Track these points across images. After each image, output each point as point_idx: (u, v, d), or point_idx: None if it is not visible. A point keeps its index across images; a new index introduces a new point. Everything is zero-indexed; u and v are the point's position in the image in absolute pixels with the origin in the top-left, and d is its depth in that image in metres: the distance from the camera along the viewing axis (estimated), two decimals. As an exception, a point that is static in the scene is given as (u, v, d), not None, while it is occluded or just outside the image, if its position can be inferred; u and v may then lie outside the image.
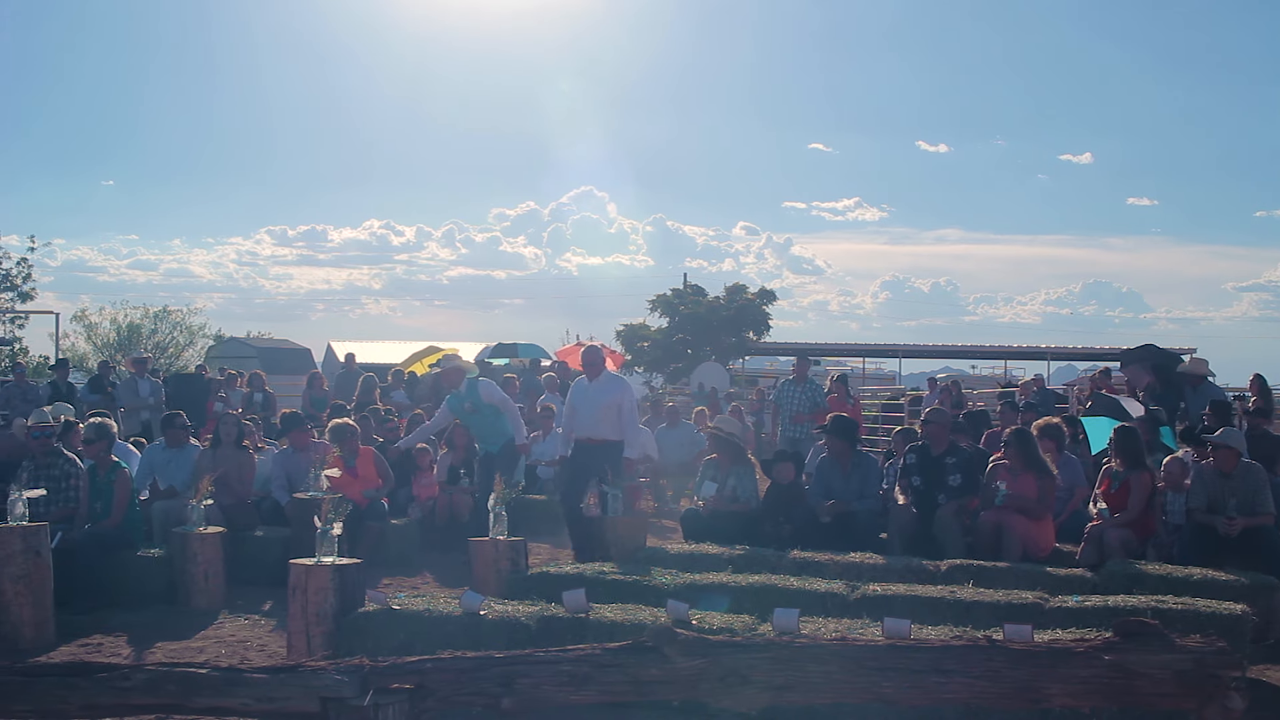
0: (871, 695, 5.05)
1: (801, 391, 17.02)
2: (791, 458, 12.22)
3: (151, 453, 13.04)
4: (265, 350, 46.13)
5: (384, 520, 12.40)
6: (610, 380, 12.41)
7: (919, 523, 10.82)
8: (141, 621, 9.74)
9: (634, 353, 42.24)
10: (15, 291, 55.69)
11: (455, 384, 12.96)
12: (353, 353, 24.30)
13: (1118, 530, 10.14)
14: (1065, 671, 4.94)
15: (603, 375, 12.33)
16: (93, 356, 51.29)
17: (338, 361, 26.69)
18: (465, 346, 36.70)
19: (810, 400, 16.82)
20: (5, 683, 5.24)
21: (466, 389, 12.82)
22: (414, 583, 11.46)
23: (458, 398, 12.89)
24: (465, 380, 12.90)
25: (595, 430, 12.05)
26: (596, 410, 12.07)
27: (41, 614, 9.09)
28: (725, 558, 9.72)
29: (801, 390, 17.05)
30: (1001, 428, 13.47)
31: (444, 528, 13.37)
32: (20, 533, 9.06)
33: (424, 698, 5.07)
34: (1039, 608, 7.81)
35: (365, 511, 11.80)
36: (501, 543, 9.75)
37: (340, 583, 7.92)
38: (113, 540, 10.48)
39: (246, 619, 9.96)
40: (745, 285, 44.26)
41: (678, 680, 5.06)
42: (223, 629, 9.65)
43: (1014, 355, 51.02)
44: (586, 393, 12.23)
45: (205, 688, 5.12)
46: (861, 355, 53.01)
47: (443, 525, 13.42)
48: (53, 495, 10.36)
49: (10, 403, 18.82)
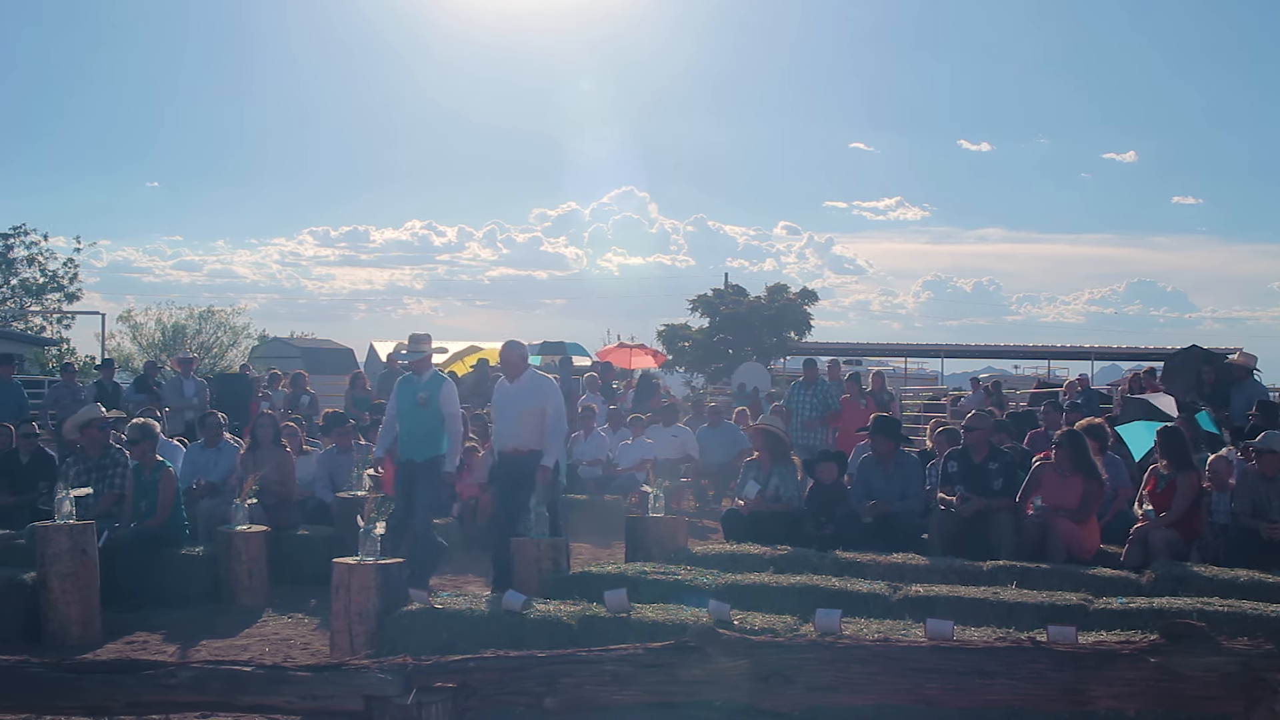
0: (915, 697, 5.03)
1: (812, 395, 16.91)
2: (834, 457, 12.17)
3: (192, 452, 13.15)
4: (308, 350, 46.43)
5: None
6: (533, 382, 10.89)
7: (963, 526, 10.75)
8: (186, 619, 9.82)
9: (675, 353, 42.25)
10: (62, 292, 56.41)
11: (423, 369, 11.16)
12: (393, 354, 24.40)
13: (1163, 531, 10.06)
14: (1110, 674, 4.90)
15: (524, 376, 10.88)
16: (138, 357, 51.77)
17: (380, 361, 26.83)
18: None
19: (822, 403, 16.73)
20: (53, 680, 5.29)
21: (430, 380, 11.10)
22: (456, 582, 11.49)
23: (414, 384, 11.08)
24: (431, 371, 11.25)
25: (517, 440, 10.71)
26: (517, 417, 10.72)
27: (88, 612, 9.19)
28: (767, 558, 9.70)
29: (812, 393, 16.94)
30: (1045, 428, 13.38)
31: (486, 527, 13.39)
32: (68, 531, 9.15)
33: (467, 696, 5.08)
34: (1083, 609, 7.75)
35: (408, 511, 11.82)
36: (543, 542, 9.77)
37: (383, 582, 7.97)
38: (158, 539, 10.57)
39: (290, 617, 10.02)
40: (786, 285, 44.25)
41: (720, 680, 5.05)
42: (266, 627, 9.71)
43: (1057, 355, 50.71)
44: (506, 396, 10.91)
45: (250, 686, 5.14)
46: (903, 355, 52.78)
47: (485, 525, 13.45)
48: (99, 484, 10.50)
49: (59, 402, 19.01)
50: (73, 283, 57.38)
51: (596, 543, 13.33)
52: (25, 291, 56.62)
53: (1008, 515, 10.63)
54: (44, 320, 54.94)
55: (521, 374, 10.83)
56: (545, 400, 10.67)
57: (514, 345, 10.95)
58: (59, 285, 56.99)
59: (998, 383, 26.26)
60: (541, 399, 10.65)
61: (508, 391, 10.84)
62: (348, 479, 12.30)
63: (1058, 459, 10.68)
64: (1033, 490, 10.59)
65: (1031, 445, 13.27)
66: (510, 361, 10.87)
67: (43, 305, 56.47)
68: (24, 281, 56.59)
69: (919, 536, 10.97)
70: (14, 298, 56.42)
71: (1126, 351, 51.61)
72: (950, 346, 51.76)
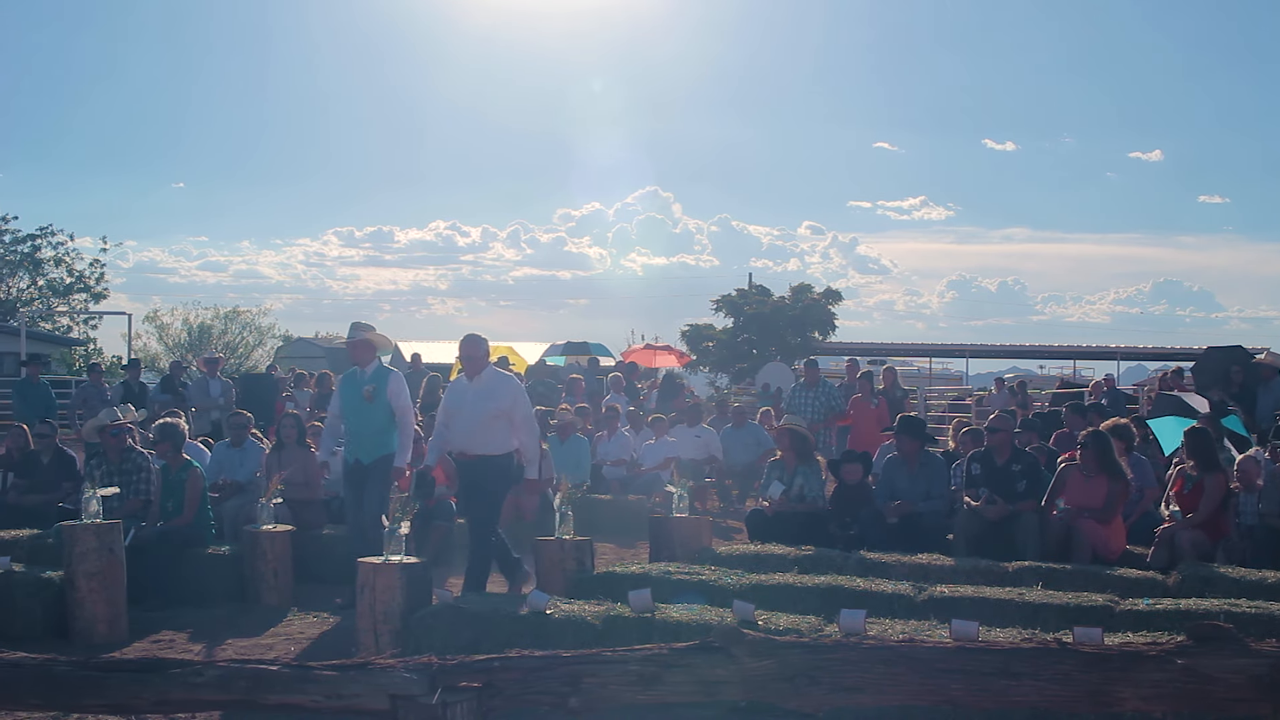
0: (940, 698, 5.01)
1: (814, 396, 16.71)
2: (859, 458, 12.15)
3: (218, 452, 13.20)
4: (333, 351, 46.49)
5: (450, 520, 12.46)
6: (496, 381, 10.11)
7: (987, 527, 10.72)
8: (211, 618, 9.86)
9: (699, 353, 42.24)
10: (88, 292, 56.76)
11: (365, 360, 10.47)
12: (418, 353, 24.46)
13: (1190, 532, 10.01)
14: (1137, 675, 4.87)
15: (485, 374, 10.09)
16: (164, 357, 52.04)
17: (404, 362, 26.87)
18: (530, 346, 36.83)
19: (824, 404, 16.52)
20: (81, 678, 5.32)
21: (374, 373, 10.42)
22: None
23: (359, 379, 10.41)
24: (376, 363, 10.54)
25: (476, 443, 9.97)
26: (478, 419, 9.92)
27: (115, 610, 9.23)
28: (791, 558, 9.70)
29: (814, 395, 16.73)
30: (1070, 429, 13.33)
31: (509, 527, 13.39)
32: (94, 530, 9.19)
33: (491, 696, 5.08)
34: (1109, 611, 7.73)
35: (432, 511, 11.87)
36: (567, 542, 9.77)
37: (407, 581, 7.98)
38: (184, 538, 10.62)
39: (315, 616, 10.05)
40: (810, 285, 44.14)
41: (745, 681, 5.04)
42: (292, 626, 9.74)
43: (1083, 355, 50.51)
44: (465, 396, 10.07)
45: (276, 685, 5.16)
46: (928, 355, 52.70)
47: (508, 525, 13.44)
48: (125, 488, 10.52)
49: (87, 403, 19.12)
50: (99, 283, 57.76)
51: (620, 543, 13.32)
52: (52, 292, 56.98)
53: (1032, 516, 10.59)
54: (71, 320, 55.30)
55: (482, 372, 10.06)
56: (511, 402, 9.96)
57: (474, 340, 10.08)
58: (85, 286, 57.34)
59: (1023, 383, 26.22)
60: (507, 400, 9.93)
61: (467, 391, 10.02)
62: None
63: (1082, 459, 10.64)
64: (1058, 492, 10.56)
65: (1057, 446, 13.22)
66: (471, 358, 10.04)
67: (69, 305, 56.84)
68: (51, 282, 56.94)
69: (944, 537, 10.95)
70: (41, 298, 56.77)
71: (1152, 351, 51.40)
72: (975, 346, 51.59)
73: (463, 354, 10.09)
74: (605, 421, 17.43)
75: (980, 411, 23.31)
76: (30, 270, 56.50)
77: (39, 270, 56.59)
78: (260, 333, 61.12)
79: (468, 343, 10.05)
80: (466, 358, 10.06)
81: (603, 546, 12.69)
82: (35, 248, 56.05)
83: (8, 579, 9.31)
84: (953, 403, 31.91)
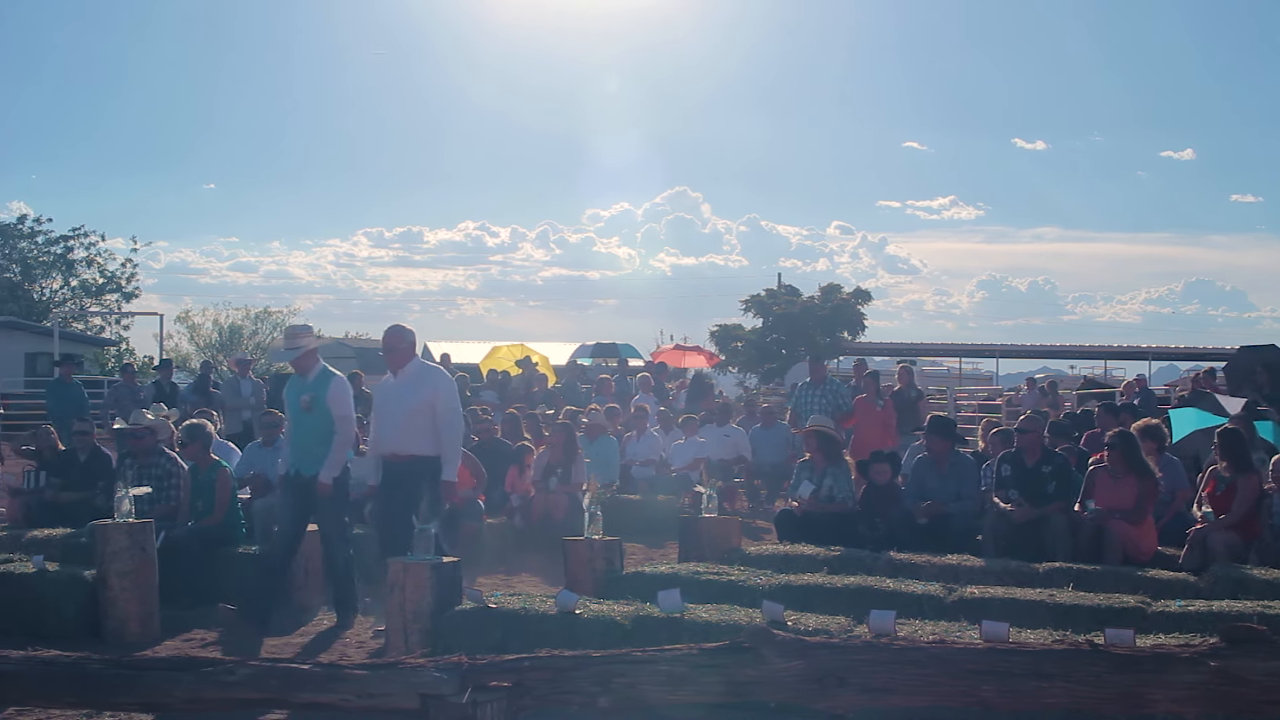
0: (971, 699, 4.99)
1: (820, 395, 16.01)
2: (888, 458, 12.12)
3: (249, 452, 13.25)
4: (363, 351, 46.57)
5: (479, 519, 12.49)
6: (420, 373, 9.58)
7: (1017, 528, 10.66)
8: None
9: (728, 353, 42.28)
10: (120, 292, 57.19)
11: (308, 368, 9.77)
12: (448, 353, 24.57)
13: (1222, 534, 9.94)
14: (1170, 678, 4.85)
15: (410, 366, 9.52)
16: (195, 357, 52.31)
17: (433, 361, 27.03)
18: (558, 347, 36.89)
19: (831, 404, 15.78)
20: (114, 676, 5.36)
21: (316, 379, 9.71)
22: (510, 582, 11.53)
23: (300, 385, 9.76)
24: (318, 368, 9.80)
25: (399, 442, 9.43)
26: (400, 415, 9.43)
27: (146, 609, 9.27)
28: (821, 559, 9.68)
29: (820, 393, 16.05)
30: (1101, 429, 13.26)
31: (540, 527, 13.42)
32: (127, 529, 9.24)
33: (521, 696, 5.09)
34: (1141, 612, 7.68)
35: (461, 510, 11.90)
36: (596, 542, 9.77)
37: (437, 581, 7.99)
38: (214, 537, 10.67)
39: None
40: (840, 285, 44.22)
41: (775, 681, 5.04)
42: (321, 625, 9.77)
43: (1114, 355, 50.35)
44: (388, 393, 9.60)
45: (306, 683, 5.18)
46: (958, 355, 52.55)
47: (539, 524, 13.46)
48: (155, 494, 10.57)
49: (119, 403, 19.24)
50: (130, 283, 58.25)
51: (649, 543, 13.31)
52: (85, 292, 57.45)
53: (1062, 518, 10.54)
54: (103, 321, 55.71)
55: (406, 365, 9.47)
56: (434, 394, 9.35)
57: (397, 331, 9.51)
58: (117, 286, 57.82)
59: (1054, 383, 26.11)
60: (429, 392, 9.34)
61: (391, 388, 9.53)
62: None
63: (1110, 460, 10.59)
64: (1088, 495, 10.50)
65: (1088, 446, 13.16)
66: (394, 350, 9.46)
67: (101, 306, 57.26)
68: (83, 282, 57.44)
69: (973, 538, 10.90)
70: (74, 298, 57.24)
71: (1184, 352, 51.16)
72: (1005, 347, 51.47)
73: (385, 346, 9.58)
74: (634, 422, 17.44)
75: (1011, 412, 23.22)
76: (63, 271, 57.02)
77: (71, 271, 57.11)
78: (290, 333, 61.34)
79: (390, 334, 9.52)
80: (389, 350, 9.52)
81: (631, 546, 12.68)
82: (68, 249, 56.59)
83: (41, 578, 9.37)
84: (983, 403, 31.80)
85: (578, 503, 10.35)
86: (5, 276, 55.49)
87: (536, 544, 13.11)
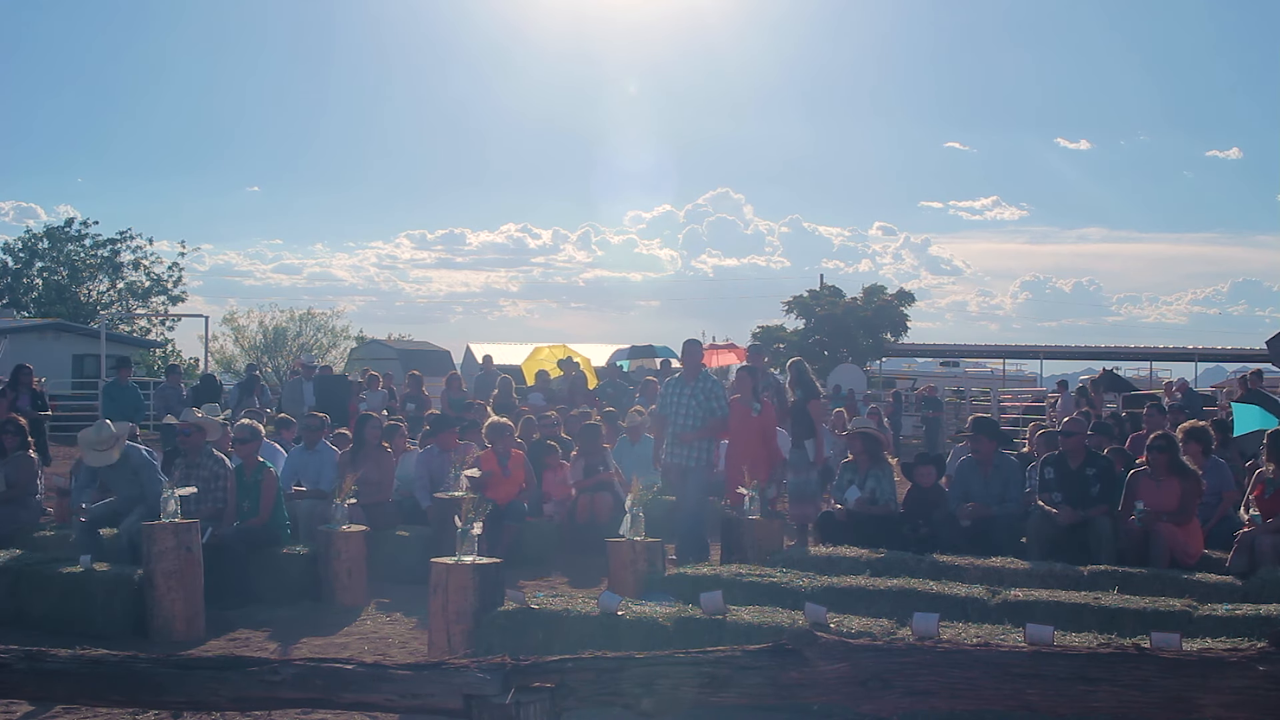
0: (1016, 702, 4.96)
1: (691, 396, 12.16)
2: (933, 460, 12.05)
3: (293, 455, 13.35)
4: (405, 352, 46.80)
5: (522, 520, 12.52)
6: None
7: (1061, 530, 10.59)
8: (287, 617, 9.97)
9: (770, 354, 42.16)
10: (166, 295, 57.70)
11: None
12: (490, 354, 24.61)
13: (1270, 536, 9.83)
14: (1218, 682, 4.80)
15: None
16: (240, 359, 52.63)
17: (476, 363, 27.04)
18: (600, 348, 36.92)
19: (702, 406, 12.11)
20: (161, 674, 5.40)
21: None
22: (552, 583, 11.55)
23: None
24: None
25: None
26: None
27: (192, 608, 9.35)
28: (864, 561, 9.64)
29: (691, 393, 12.17)
30: (1147, 431, 13.15)
31: (583, 528, 13.40)
32: (173, 529, 9.33)
33: (564, 697, 5.10)
34: (1187, 616, 7.61)
35: (504, 511, 11.94)
36: (638, 544, 9.78)
37: (480, 582, 8.02)
38: (260, 537, 10.74)
39: (388, 616, 10.13)
40: (883, 286, 43.98)
41: (819, 684, 5.03)
42: (365, 625, 9.83)
43: (1159, 356, 49.87)
44: None
45: (351, 683, 5.21)
46: (1001, 356, 52.23)
47: (582, 525, 13.44)
48: (201, 494, 10.64)
49: (166, 404, 19.42)
50: (177, 286, 58.70)
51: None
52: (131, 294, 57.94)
53: (1106, 520, 10.46)
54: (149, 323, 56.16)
55: None
56: None
57: None
58: (164, 288, 58.27)
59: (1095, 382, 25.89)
60: None
61: None
62: (446, 479, 12.39)
63: (1151, 463, 10.51)
64: (1131, 500, 10.42)
65: (1133, 448, 13.05)
66: None
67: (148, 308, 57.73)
68: (130, 284, 57.92)
69: (1018, 540, 10.83)
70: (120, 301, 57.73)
71: (1231, 353, 50.64)
72: (1049, 348, 51.08)
73: None
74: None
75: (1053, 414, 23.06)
76: (110, 273, 57.54)
77: (118, 273, 57.62)
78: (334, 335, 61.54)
79: None
80: None
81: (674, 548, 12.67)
82: (115, 251, 57.10)
83: (88, 577, 9.48)
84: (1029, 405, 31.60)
85: (620, 503, 10.35)
86: (53, 279, 56.07)
87: (570, 545, 13.12)
